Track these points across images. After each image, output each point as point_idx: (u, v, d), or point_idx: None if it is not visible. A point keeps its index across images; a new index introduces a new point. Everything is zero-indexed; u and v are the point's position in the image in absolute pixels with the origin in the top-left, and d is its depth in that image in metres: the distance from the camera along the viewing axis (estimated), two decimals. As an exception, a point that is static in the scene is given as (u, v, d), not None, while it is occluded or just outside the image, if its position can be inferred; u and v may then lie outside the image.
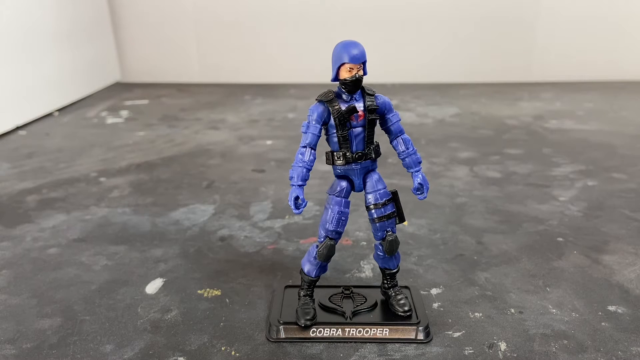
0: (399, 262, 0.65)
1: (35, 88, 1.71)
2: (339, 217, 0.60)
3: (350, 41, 0.57)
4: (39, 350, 0.61)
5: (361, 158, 0.59)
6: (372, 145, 0.59)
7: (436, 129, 1.56)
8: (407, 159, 0.61)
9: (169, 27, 2.28)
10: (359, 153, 0.59)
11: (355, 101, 0.58)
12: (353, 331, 0.61)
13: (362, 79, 0.57)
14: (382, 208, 0.60)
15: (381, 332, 0.61)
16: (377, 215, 0.61)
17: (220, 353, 0.60)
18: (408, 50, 2.25)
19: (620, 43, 2.20)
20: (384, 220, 0.61)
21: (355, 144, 0.59)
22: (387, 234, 0.61)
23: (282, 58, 2.29)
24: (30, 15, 1.69)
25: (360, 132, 0.58)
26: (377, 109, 0.58)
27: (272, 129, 1.57)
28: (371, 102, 0.58)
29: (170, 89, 2.20)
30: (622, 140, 1.41)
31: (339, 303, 0.66)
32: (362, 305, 0.65)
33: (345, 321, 0.62)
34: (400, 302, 0.64)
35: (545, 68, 2.25)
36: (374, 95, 0.59)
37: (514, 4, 2.17)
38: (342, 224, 0.61)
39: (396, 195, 0.62)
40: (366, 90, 0.59)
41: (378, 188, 0.60)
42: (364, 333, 0.61)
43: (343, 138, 0.58)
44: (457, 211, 0.98)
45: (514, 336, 0.62)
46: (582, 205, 1.00)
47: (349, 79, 0.56)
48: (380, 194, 0.60)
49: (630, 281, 0.74)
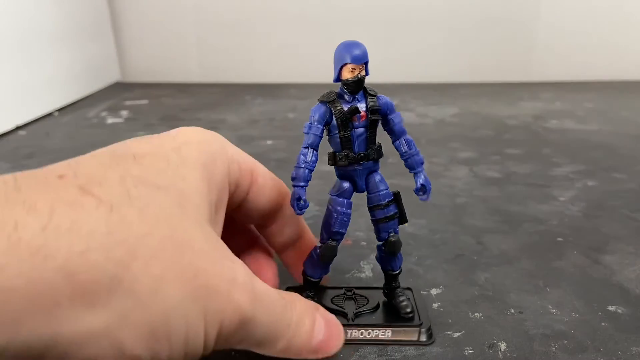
0: (402, 263, 0.65)
1: (35, 88, 1.71)
2: (341, 219, 0.60)
3: (352, 41, 0.57)
4: (39, 350, 0.61)
5: (363, 159, 0.59)
6: (374, 146, 0.59)
7: (436, 129, 1.56)
8: (410, 160, 0.61)
9: (169, 27, 2.28)
10: (362, 154, 0.58)
11: (358, 102, 0.58)
12: (355, 333, 0.61)
13: (364, 79, 0.57)
14: (384, 209, 0.60)
15: (383, 334, 0.61)
16: (379, 216, 0.60)
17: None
18: (408, 50, 2.25)
19: (620, 43, 2.20)
20: (386, 222, 0.60)
21: (358, 145, 0.58)
22: (390, 235, 0.61)
23: (282, 58, 2.29)
24: (30, 15, 1.69)
25: (362, 133, 0.58)
26: (379, 110, 0.58)
27: (272, 129, 1.57)
28: (373, 102, 0.58)
29: (170, 89, 2.20)
30: (622, 140, 1.41)
31: (341, 304, 0.65)
32: (364, 307, 0.65)
33: (347, 322, 0.62)
34: (402, 304, 0.63)
35: (545, 68, 2.25)
36: (376, 95, 0.59)
37: (514, 4, 2.17)
38: (344, 225, 0.61)
39: (398, 196, 0.62)
40: (368, 90, 0.58)
41: (380, 189, 0.60)
42: (367, 335, 0.61)
43: (345, 139, 0.58)
44: (457, 211, 0.98)
45: (514, 336, 0.62)
46: (582, 205, 1.00)
47: (351, 79, 0.56)
48: (382, 195, 0.60)
49: (630, 281, 0.74)
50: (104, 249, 0.37)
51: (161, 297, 0.40)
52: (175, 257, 0.42)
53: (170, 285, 0.41)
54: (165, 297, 0.40)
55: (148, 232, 0.41)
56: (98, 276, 0.37)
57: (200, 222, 0.47)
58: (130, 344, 0.39)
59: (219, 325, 0.45)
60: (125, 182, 0.42)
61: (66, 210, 0.37)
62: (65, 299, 0.35)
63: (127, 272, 0.38)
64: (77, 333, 0.36)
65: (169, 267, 0.41)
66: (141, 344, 0.40)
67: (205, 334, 0.44)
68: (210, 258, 0.45)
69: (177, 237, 0.43)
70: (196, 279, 0.43)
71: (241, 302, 0.46)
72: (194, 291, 0.42)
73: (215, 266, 0.45)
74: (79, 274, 0.36)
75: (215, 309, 0.44)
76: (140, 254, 0.39)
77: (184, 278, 0.42)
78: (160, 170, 0.47)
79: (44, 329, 0.35)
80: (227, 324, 0.45)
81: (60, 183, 0.39)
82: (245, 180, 0.59)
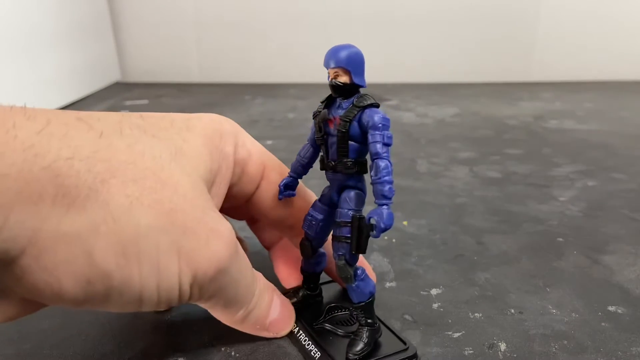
0: (362, 300, 0.55)
1: (36, 88, 1.71)
2: (309, 220, 0.59)
3: (337, 46, 0.53)
4: (39, 350, 0.61)
5: (332, 168, 0.55)
6: (346, 159, 0.54)
7: (436, 129, 1.56)
8: (373, 189, 0.51)
9: (169, 27, 2.28)
10: (332, 162, 0.55)
11: (342, 108, 0.54)
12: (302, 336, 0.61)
13: (339, 85, 0.53)
14: (339, 228, 0.54)
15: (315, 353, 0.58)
16: (334, 232, 0.55)
17: (220, 353, 0.60)
18: (408, 50, 2.25)
19: (620, 43, 2.20)
20: (337, 241, 0.54)
21: (331, 153, 0.55)
22: (338, 258, 0.54)
23: (282, 58, 2.29)
24: (30, 15, 1.69)
25: (334, 142, 0.54)
26: (348, 123, 0.53)
27: (272, 129, 1.57)
28: (349, 113, 0.53)
29: (170, 89, 2.20)
30: (622, 140, 1.41)
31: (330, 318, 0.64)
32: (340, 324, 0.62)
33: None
34: (350, 342, 0.56)
35: (545, 68, 2.25)
36: (364, 108, 0.53)
37: (514, 4, 2.17)
38: (313, 228, 0.59)
39: (359, 222, 0.52)
40: (355, 102, 0.53)
41: (342, 206, 0.55)
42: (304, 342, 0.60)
43: (320, 142, 0.56)
44: (457, 211, 0.98)
45: (514, 336, 0.62)
46: (582, 206, 1.00)
47: (328, 83, 0.54)
48: (342, 213, 0.54)
49: (630, 281, 0.74)
50: (87, 162, 0.41)
51: (133, 217, 0.42)
52: (155, 188, 0.44)
53: (143, 210, 0.43)
54: (138, 219, 0.43)
55: (132, 161, 0.44)
56: (78, 183, 0.40)
57: (192, 175, 0.49)
58: (100, 255, 0.41)
59: (195, 269, 0.46)
60: (121, 124, 0.47)
61: (60, 126, 0.42)
62: (48, 197, 0.39)
63: (104, 186, 0.42)
64: (55, 232, 0.39)
65: (146, 194, 0.43)
66: (111, 258, 0.42)
67: (179, 274, 0.45)
68: (192, 202, 0.47)
69: (162, 176, 0.45)
70: (172, 213, 0.45)
71: (220, 253, 0.48)
72: (168, 224, 0.44)
73: (196, 211, 0.47)
74: (62, 176, 0.39)
75: (190, 250, 0.46)
76: (120, 174, 0.43)
77: (160, 209, 0.44)
78: (161, 128, 0.50)
79: (29, 221, 0.38)
80: (203, 271, 0.47)
81: (62, 112, 0.44)
82: (255, 171, 0.61)
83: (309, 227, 0.60)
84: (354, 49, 0.53)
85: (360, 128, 0.53)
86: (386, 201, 0.49)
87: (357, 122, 0.53)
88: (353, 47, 0.53)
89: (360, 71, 0.53)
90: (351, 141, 0.54)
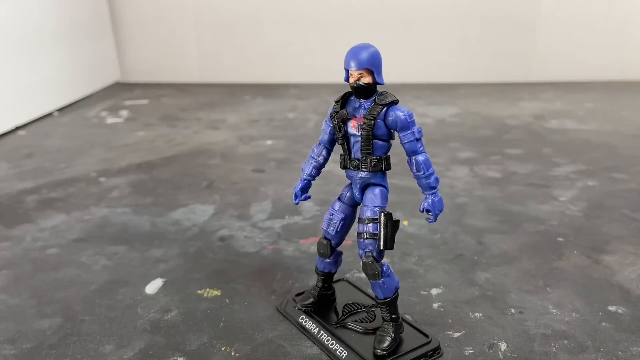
0: (388, 296, 0.57)
1: (35, 88, 1.71)
2: (329, 218, 0.60)
3: (358, 46, 0.54)
4: (39, 350, 0.61)
5: (356, 167, 0.56)
6: (369, 157, 0.55)
7: (436, 129, 1.56)
8: (418, 183, 0.56)
9: (169, 27, 2.28)
10: (355, 161, 0.56)
11: (363, 108, 0.55)
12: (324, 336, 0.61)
13: (363, 86, 0.54)
14: (364, 224, 0.56)
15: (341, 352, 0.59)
16: (359, 230, 0.56)
17: (220, 353, 0.60)
18: (408, 50, 2.25)
19: (620, 43, 2.20)
20: (362, 239, 0.56)
21: (354, 151, 0.57)
22: (365, 255, 0.56)
23: (282, 58, 2.29)
24: (30, 15, 1.69)
25: (357, 140, 0.56)
26: (372, 122, 0.54)
27: (272, 129, 1.57)
28: (372, 112, 0.54)
29: (170, 89, 2.20)
30: (622, 140, 1.41)
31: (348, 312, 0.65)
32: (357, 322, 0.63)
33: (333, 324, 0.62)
34: (377, 339, 0.58)
35: (546, 68, 2.25)
36: (388, 107, 0.54)
37: (514, 4, 2.17)
38: (333, 227, 0.60)
39: (387, 218, 0.55)
40: (378, 100, 0.54)
41: (367, 204, 0.56)
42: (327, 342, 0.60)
43: (341, 142, 0.57)
44: (457, 211, 0.98)
45: (514, 336, 0.62)
46: (583, 205, 1.00)
47: (350, 85, 0.55)
48: (367, 209, 0.56)
49: (631, 281, 0.74)
50: None
51: None
52: None
53: None
54: None
55: None
56: None
57: None
58: None
59: None
60: None
61: None
62: None
63: None
64: None
65: None
66: None
67: None
68: None
69: None
70: None
71: None
72: None
73: None
74: None
75: None
76: None
77: None
78: None
79: None
80: None
81: None
82: None
83: (329, 226, 0.60)
84: (373, 48, 0.55)
85: (385, 126, 0.55)
86: (434, 191, 0.56)
87: (381, 120, 0.55)
88: (372, 47, 0.55)
89: (381, 70, 0.55)
90: (376, 139, 0.55)
